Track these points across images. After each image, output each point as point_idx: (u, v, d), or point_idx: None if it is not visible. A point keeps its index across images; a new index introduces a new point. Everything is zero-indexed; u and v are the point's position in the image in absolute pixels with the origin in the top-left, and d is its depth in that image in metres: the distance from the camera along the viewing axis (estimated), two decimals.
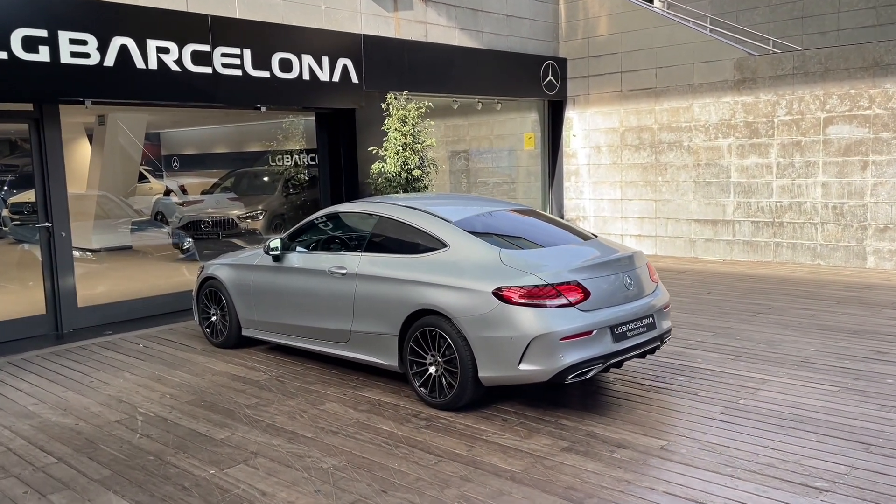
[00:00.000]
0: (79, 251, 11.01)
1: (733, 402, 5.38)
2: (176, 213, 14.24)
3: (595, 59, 13.02)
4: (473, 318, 5.14)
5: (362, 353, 6.01)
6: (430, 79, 10.98)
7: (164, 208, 14.31)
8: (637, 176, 12.78)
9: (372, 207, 6.28)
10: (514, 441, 4.81)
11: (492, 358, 5.10)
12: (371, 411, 5.45)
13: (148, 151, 15.70)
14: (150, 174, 15.00)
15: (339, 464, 4.54)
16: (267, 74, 9.06)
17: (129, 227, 12.55)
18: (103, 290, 9.63)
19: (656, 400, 5.50)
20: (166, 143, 15.84)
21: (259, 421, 5.32)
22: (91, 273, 10.84)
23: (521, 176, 14.27)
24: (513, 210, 6.34)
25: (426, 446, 4.77)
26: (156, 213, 14.00)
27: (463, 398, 5.27)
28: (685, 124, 12.12)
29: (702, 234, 12.14)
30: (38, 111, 7.95)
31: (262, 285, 6.81)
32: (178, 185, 15.12)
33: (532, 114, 13.80)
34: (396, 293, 5.63)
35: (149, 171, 15.02)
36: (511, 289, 5.03)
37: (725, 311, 8.25)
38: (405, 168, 9.66)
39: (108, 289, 10.28)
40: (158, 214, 14.04)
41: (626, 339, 5.24)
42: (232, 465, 4.57)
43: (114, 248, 12.17)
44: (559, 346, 4.92)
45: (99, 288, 10.29)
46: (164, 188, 14.67)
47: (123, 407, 5.73)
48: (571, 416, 5.21)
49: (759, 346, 6.84)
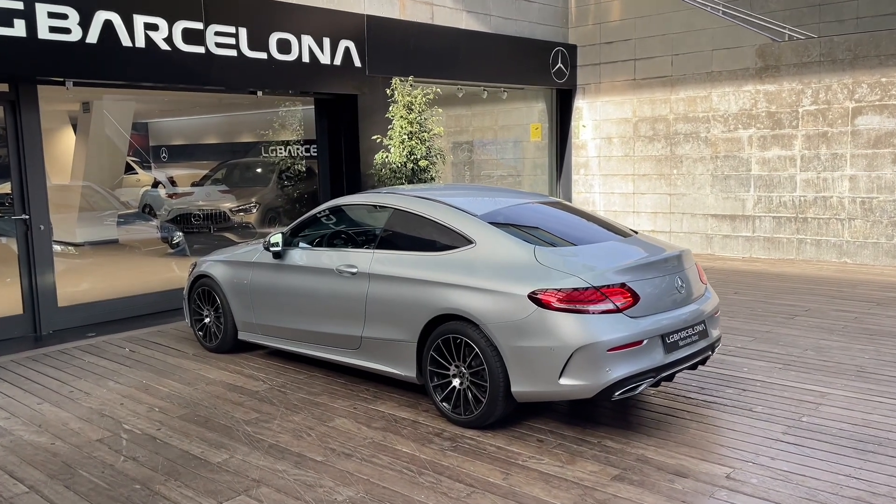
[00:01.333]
0: (61, 245, 10.31)
1: (796, 420, 4.78)
2: (164, 205, 13.58)
3: (607, 46, 12.39)
4: (506, 325, 4.51)
5: (375, 362, 5.38)
6: (435, 64, 10.33)
7: (153, 201, 13.66)
8: (651, 169, 12.18)
9: (384, 199, 5.64)
10: (556, 467, 4.20)
11: (527, 371, 4.48)
12: (387, 429, 4.83)
13: (135, 142, 14.99)
14: (137, 165, 14.31)
15: (355, 496, 3.91)
16: (264, 56, 8.39)
17: (114, 221, 11.88)
18: (86, 288, 8.95)
19: (707, 417, 4.89)
20: (155, 132, 15.14)
21: (261, 441, 4.68)
22: (73, 269, 10.14)
23: (526, 168, 13.65)
24: (542, 202, 5.72)
25: (455, 473, 4.14)
26: (144, 206, 13.36)
27: (492, 415, 4.65)
28: (703, 114, 11.52)
29: (719, 229, 11.57)
30: (14, 92, 7.26)
31: (261, 285, 6.16)
32: (167, 177, 14.46)
33: (539, 103, 13.17)
34: (415, 295, 5.00)
35: (136, 163, 14.33)
36: (550, 292, 4.41)
37: (758, 314, 7.66)
38: (411, 158, 9.02)
39: (91, 286, 9.59)
40: (146, 207, 13.41)
41: (678, 349, 4.63)
42: (231, 497, 3.93)
43: (99, 241, 11.49)
44: (606, 357, 4.31)
45: (82, 285, 9.60)
46: (152, 180, 14.04)
47: (106, 422, 5.08)
48: (615, 437, 4.60)
49: (806, 352, 6.25)
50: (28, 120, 7.32)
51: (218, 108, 14.40)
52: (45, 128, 11.60)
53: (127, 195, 13.85)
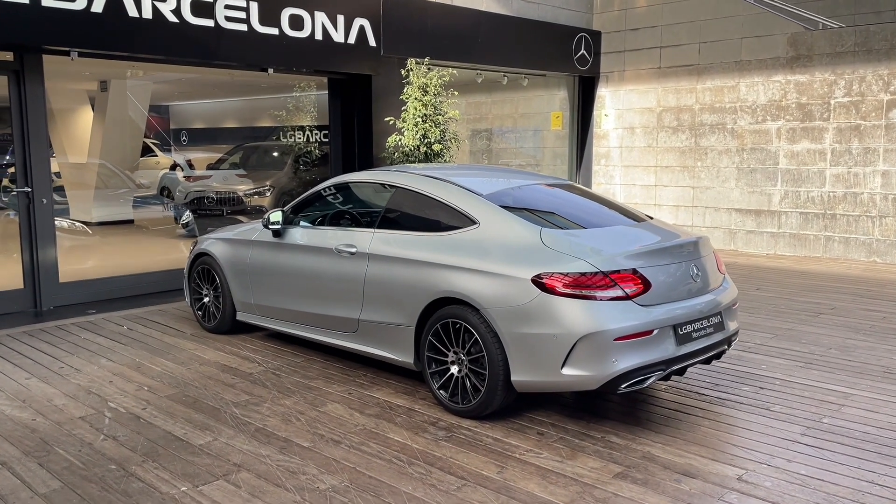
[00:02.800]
0: (69, 222, 10.22)
1: (816, 421, 4.47)
2: (180, 187, 13.52)
3: (632, 33, 12.03)
4: (507, 310, 4.25)
5: (372, 347, 5.14)
6: (453, 46, 10.04)
7: (170, 183, 13.63)
8: (674, 160, 11.81)
9: (388, 177, 5.39)
10: (555, 462, 3.93)
11: (528, 359, 4.21)
12: (380, 416, 4.59)
13: (156, 124, 14.92)
14: (157, 148, 14.25)
15: (339, 484, 3.67)
16: (275, 31, 8.16)
17: (127, 200, 11.80)
18: (91, 265, 8.84)
19: (721, 415, 4.60)
20: (175, 115, 15.07)
21: (248, 424, 4.46)
22: (81, 246, 10.05)
23: (546, 158, 13.34)
24: (551, 184, 5.43)
25: (447, 464, 3.90)
26: (161, 188, 13.33)
27: (491, 405, 4.40)
28: (730, 105, 11.13)
29: (744, 225, 11.18)
30: (19, 62, 7.09)
31: (260, 264, 5.95)
32: (186, 160, 14.41)
33: (561, 91, 12.84)
34: (414, 277, 4.75)
35: (156, 145, 14.26)
36: (555, 276, 4.14)
37: (781, 311, 7.32)
38: (424, 142, 8.76)
39: (96, 264, 9.49)
40: (164, 189, 13.37)
41: (691, 341, 4.33)
42: (209, 482, 3.71)
43: (114, 221, 11.42)
44: (613, 347, 4.03)
45: (88, 262, 9.50)
46: (171, 162, 14.02)
47: (92, 400, 4.89)
48: (621, 432, 4.33)
49: (829, 351, 5.92)
50: (32, 90, 7.15)
51: (238, 92, 14.27)
52: (65, 107, 11.55)
53: (146, 177, 13.81)
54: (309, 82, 10.41)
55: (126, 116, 12.01)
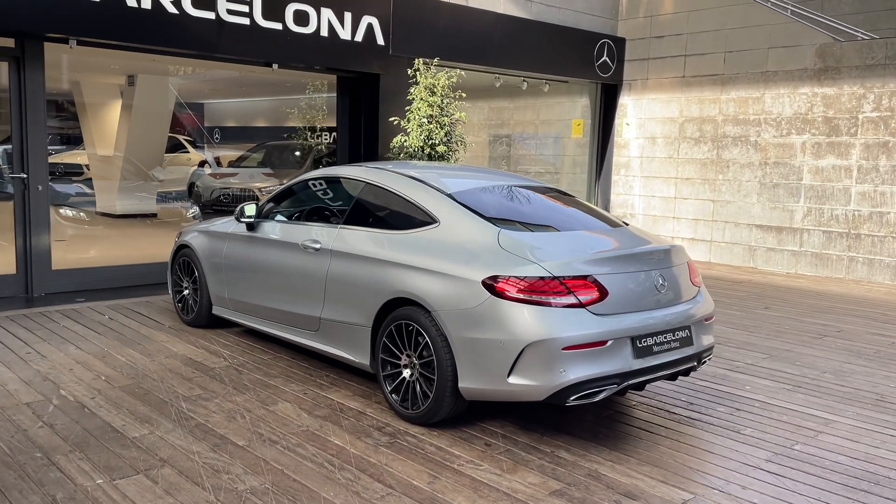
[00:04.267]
0: (73, 211, 10.30)
1: (786, 447, 4.17)
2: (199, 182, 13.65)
3: (657, 40, 11.72)
4: (457, 314, 4.05)
5: (332, 346, 4.98)
6: (466, 48, 9.88)
7: (198, 179, 13.78)
8: (695, 172, 11.45)
9: (358, 172, 5.24)
10: (493, 475, 3.72)
11: (475, 365, 4.01)
12: (328, 418, 4.42)
13: (189, 121, 15.09)
14: (190, 144, 14.40)
15: (259, 486, 3.52)
16: (279, 26, 8.10)
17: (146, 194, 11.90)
18: (84, 254, 8.88)
19: (685, 435, 4.32)
20: (210, 114, 15.22)
21: (190, 419, 4.34)
22: (85, 235, 10.14)
23: (566, 166, 13.07)
24: (530, 186, 5.22)
25: (378, 472, 3.71)
26: (190, 184, 13.48)
27: (439, 412, 4.20)
28: (754, 117, 10.75)
29: (764, 241, 10.77)
30: (20, 48, 7.14)
31: (233, 257, 5.85)
32: (213, 157, 14.56)
33: (583, 98, 12.57)
34: (372, 276, 4.59)
35: (189, 142, 14.41)
36: (506, 279, 3.93)
37: (784, 331, 6.96)
38: (428, 143, 8.60)
39: (93, 253, 9.54)
40: (193, 185, 13.52)
41: (651, 354, 4.08)
42: (127, 476, 3.59)
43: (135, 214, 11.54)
44: (561, 357, 3.81)
45: (86, 251, 9.55)
46: (200, 159, 14.21)
47: (45, 387, 4.83)
48: (574, 447, 4.09)
49: (823, 375, 5.58)
50: (32, 77, 7.19)
51: (269, 92, 14.32)
52: (96, 101, 11.68)
53: (177, 172, 14.00)
54: (331, 83, 10.35)
55: (151, 111, 12.10)
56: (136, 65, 10.48)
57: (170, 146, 14.21)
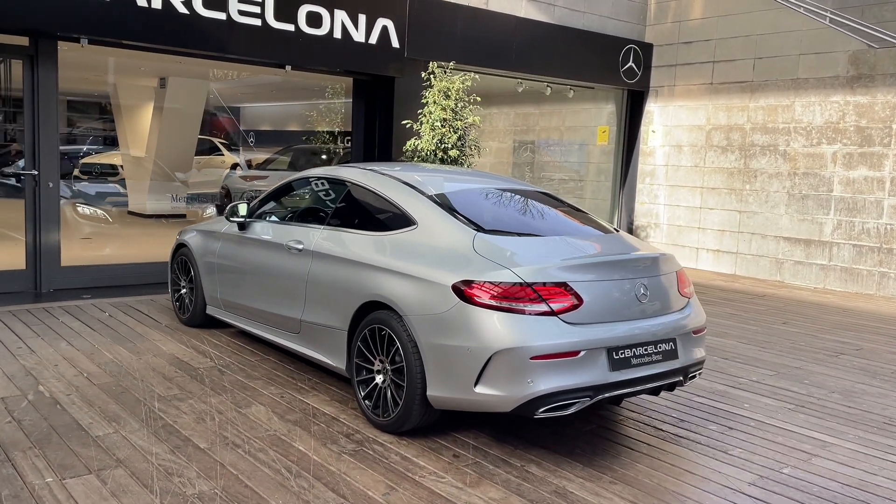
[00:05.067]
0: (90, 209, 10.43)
1: (775, 471, 3.93)
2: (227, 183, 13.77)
3: (685, 46, 11.42)
4: (426, 319, 3.91)
5: (311, 349, 4.88)
6: (485, 52, 9.74)
7: (230, 182, 13.91)
8: (721, 182, 11.11)
9: (345, 173, 5.14)
10: (453, 489, 3.56)
11: (444, 373, 3.86)
12: (299, 423, 4.31)
13: (226, 125, 15.24)
14: (225, 147, 14.54)
15: (209, 491, 3.42)
16: (291, 28, 8.07)
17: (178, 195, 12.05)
18: (96, 252, 8.95)
19: (668, 454, 4.10)
20: (246, 117, 15.35)
21: (158, 419, 4.27)
22: (108, 235, 10.25)
23: (590, 173, 12.83)
24: (520, 190, 5.05)
25: (334, 481, 3.58)
26: (223, 186, 13.61)
27: (408, 420, 4.06)
28: (783, 125, 10.39)
29: (791, 254, 10.38)
30: (34, 47, 7.23)
31: (225, 257, 5.80)
32: (245, 160, 14.69)
33: (609, 105, 12.33)
34: (349, 278, 4.48)
35: (224, 145, 14.56)
36: (476, 284, 3.78)
37: (799, 348, 6.65)
38: (440, 146, 8.48)
39: (112, 251, 9.62)
40: (225, 188, 13.65)
41: (629, 367, 3.88)
42: (79, 475, 3.52)
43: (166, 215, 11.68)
44: (529, 367, 3.63)
45: (99, 249, 9.64)
46: (234, 162, 14.36)
47: (25, 382, 4.81)
48: (546, 462, 3.91)
49: (831, 395, 5.28)
50: (45, 75, 7.27)
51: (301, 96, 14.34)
52: (131, 103, 11.84)
53: (212, 175, 14.16)
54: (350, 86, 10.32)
55: (182, 114, 12.22)
56: (168, 67, 10.59)
57: (205, 149, 14.38)
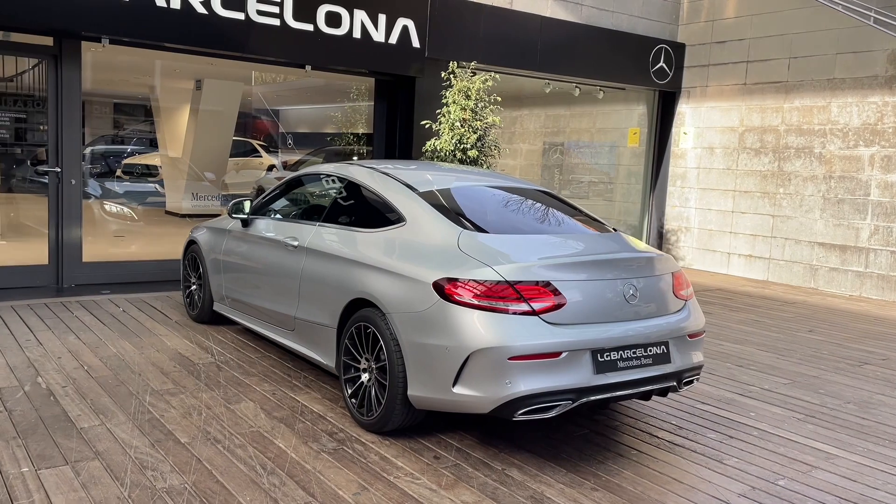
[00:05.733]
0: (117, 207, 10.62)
1: (769, 482, 3.75)
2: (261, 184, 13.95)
3: (718, 46, 11.15)
4: (408, 317, 3.85)
5: (304, 347, 4.85)
6: (509, 52, 9.63)
7: (265, 182, 14.11)
8: (754, 185, 10.80)
9: (344, 170, 5.10)
10: (427, 491, 3.48)
11: (424, 372, 3.79)
12: (284, 420, 4.28)
13: (265, 127, 15.45)
14: (263, 149, 14.74)
15: (178, 485, 3.40)
16: (310, 28, 8.09)
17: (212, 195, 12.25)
18: (119, 249, 9.10)
19: (659, 462, 3.95)
20: (286, 119, 15.53)
21: (146, 413, 4.28)
22: (139, 233, 10.44)
23: (620, 176, 12.60)
24: (519, 189, 4.94)
25: (307, 479, 3.53)
26: (257, 186, 13.81)
27: (391, 420, 3.99)
28: (819, 127, 10.05)
29: (826, 261, 10.03)
30: (58, 46, 7.38)
31: (229, 253, 5.82)
32: (281, 162, 14.88)
33: (640, 106, 12.10)
34: (338, 275, 4.44)
35: (263, 147, 14.75)
36: (456, 282, 3.69)
37: (821, 356, 6.40)
38: (459, 147, 8.40)
39: (132, 249, 9.78)
40: (258, 187, 13.84)
41: (615, 370, 3.75)
42: (54, 466, 3.54)
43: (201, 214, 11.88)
44: (507, 367, 3.54)
45: (132, 247, 9.81)
46: (270, 163, 14.57)
47: (25, 374, 4.88)
48: (528, 466, 3.80)
49: (846, 406, 5.05)
50: (68, 74, 7.42)
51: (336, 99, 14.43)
52: (169, 105, 12.08)
53: (250, 176, 14.40)
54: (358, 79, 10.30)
55: (217, 115, 12.38)
56: (205, 69, 10.74)
57: (243, 150, 14.58)
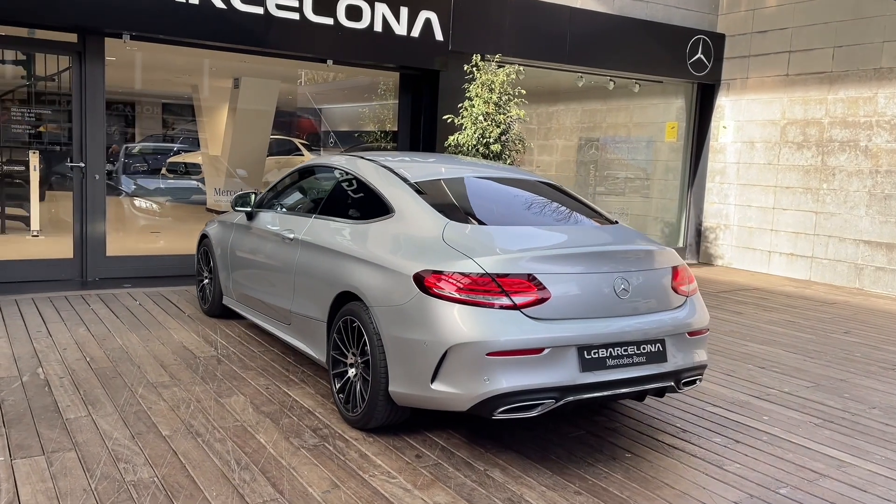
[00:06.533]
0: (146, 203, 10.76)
1: (769, 490, 3.51)
2: None
3: (759, 36, 10.73)
4: (390, 310, 3.72)
5: (299, 341, 4.78)
6: (537, 45, 9.43)
7: None
8: (796, 181, 10.36)
9: (341, 161, 5.01)
10: (400, 490, 3.35)
11: (404, 368, 3.66)
12: (272, 415, 4.20)
13: (307, 126, 15.54)
14: (306, 148, 14.81)
15: (147, 479, 3.34)
16: (330, 21, 8.04)
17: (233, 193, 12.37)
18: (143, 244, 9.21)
19: (654, 465, 3.74)
20: (329, 118, 15.60)
21: (134, 405, 4.25)
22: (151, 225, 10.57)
23: (657, 172, 12.25)
24: (519, 180, 4.77)
25: (279, 475, 3.44)
26: None
27: (373, 417, 3.87)
28: (864, 119, 9.57)
29: (873, 259, 9.55)
30: (81, 43, 7.48)
31: (235, 247, 5.79)
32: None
33: (678, 100, 11.74)
34: (328, 268, 4.34)
35: (305, 146, 14.83)
36: (436, 275, 3.55)
37: (853, 359, 6.05)
38: (482, 141, 8.24)
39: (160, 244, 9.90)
40: None
41: (603, 368, 3.56)
42: (30, 455, 3.53)
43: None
44: (485, 363, 3.38)
45: (160, 242, 9.92)
46: None
47: (28, 364, 4.92)
48: (512, 468, 3.63)
49: (870, 411, 4.74)
50: (92, 71, 7.51)
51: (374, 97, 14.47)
52: (210, 104, 12.24)
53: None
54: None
55: (254, 114, 12.48)
56: (245, 67, 10.83)
57: (286, 149, 14.67)
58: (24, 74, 8.97)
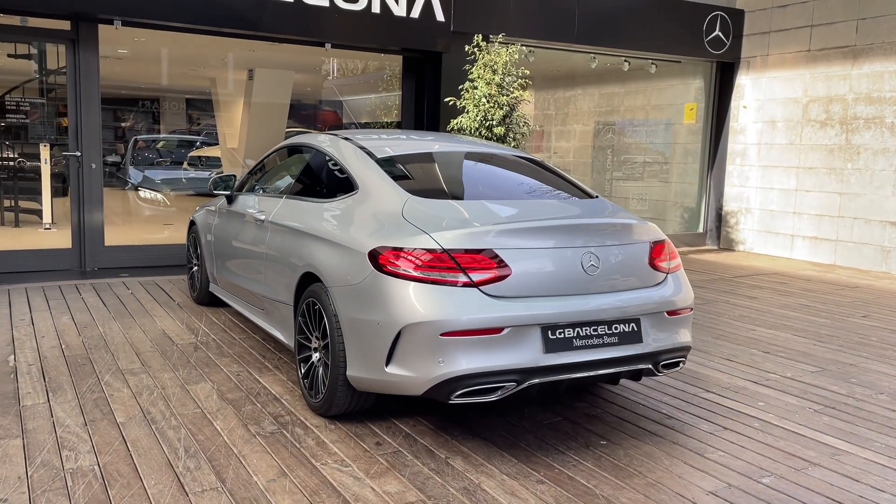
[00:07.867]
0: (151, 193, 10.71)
1: (752, 479, 3.24)
2: None
3: (779, 11, 10.29)
4: (345, 290, 3.53)
5: (273, 327, 4.61)
6: (543, 24, 9.14)
7: None
8: (819, 161, 9.92)
9: (313, 140, 4.82)
10: (351, 478, 3.15)
11: (360, 351, 3.46)
12: (235, 402, 4.04)
13: (329, 119, 15.45)
14: None
15: (88, 466, 3.20)
16: (325, 3, 7.86)
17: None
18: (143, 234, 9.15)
19: (630, 453, 3.49)
20: (354, 109, 15.48)
21: (96, 392, 4.13)
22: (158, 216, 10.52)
23: (676, 155, 11.87)
24: (496, 155, 4.53)
25: (226, 464, 3.27)
26: None
27: (333, 404, 3.68)
28: (890, 94, 9.11)
29: None
30: (75, 31, 7.40)
31: (217, 232, 5.65)
32: None
33: (696, 80, 11.34)
34: (293, 250, 4.16)
35: None
36: (391, 251, 3.35)
37: (867, 343, 5.70)
38: (484, 124, 8.00)
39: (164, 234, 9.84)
40: None
41: (570, 349, 3.32)
42: None
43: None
44: (439, 344, 3.17)
45: (164, 232, 9.86)
46: None
47: (2, 351, 4.84)
48: (476, 456, 3.42)
49: (876, 397, 4.42)
50: (86, 59, 7.43)
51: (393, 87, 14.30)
52: (227, 97, 12.19)
53: None
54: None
55: (268, 105, 12.38)
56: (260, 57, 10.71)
57: None
58: (36, 69, 8.97)
